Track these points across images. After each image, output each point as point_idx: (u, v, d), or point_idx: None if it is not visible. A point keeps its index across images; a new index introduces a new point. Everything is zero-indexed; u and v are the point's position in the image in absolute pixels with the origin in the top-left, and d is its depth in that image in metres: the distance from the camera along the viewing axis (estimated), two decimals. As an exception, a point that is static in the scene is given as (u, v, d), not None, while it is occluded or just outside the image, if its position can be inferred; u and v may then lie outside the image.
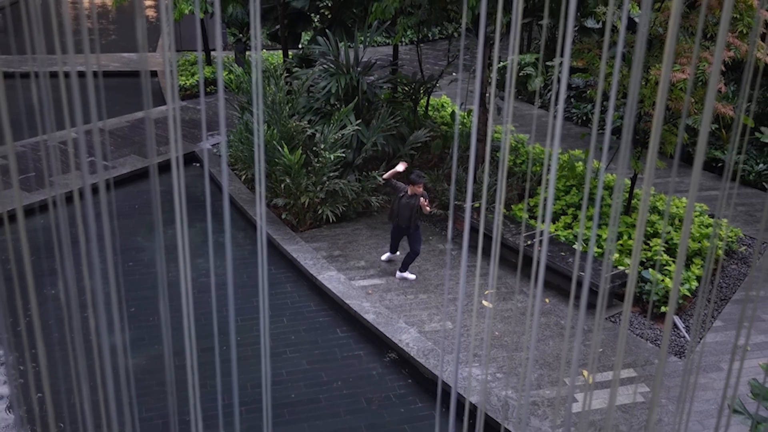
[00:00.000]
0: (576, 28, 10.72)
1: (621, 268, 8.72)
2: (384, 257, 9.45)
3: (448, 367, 7.37)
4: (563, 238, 9.47)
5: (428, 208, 8.69)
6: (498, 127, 12.64)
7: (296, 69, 11.86)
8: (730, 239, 9.88)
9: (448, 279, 9.07)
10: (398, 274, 9.08)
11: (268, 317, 2.20)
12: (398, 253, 9.41)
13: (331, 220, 10.31)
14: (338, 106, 10.78)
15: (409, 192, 8.59)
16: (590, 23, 10.29)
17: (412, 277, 9.07)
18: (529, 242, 9.09)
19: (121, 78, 16.99)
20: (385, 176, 8.90)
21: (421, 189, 8.57)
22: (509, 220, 9.92)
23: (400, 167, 8.86)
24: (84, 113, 1.87)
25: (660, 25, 8.48)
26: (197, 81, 15.95)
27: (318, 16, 13.62)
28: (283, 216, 10.50)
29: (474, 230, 9.17)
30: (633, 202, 10.30)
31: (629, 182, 10.37)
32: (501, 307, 8.53)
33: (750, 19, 8.28)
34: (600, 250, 9.01)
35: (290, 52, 13.50)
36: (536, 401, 6.95)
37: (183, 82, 16.01)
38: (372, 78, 11.27)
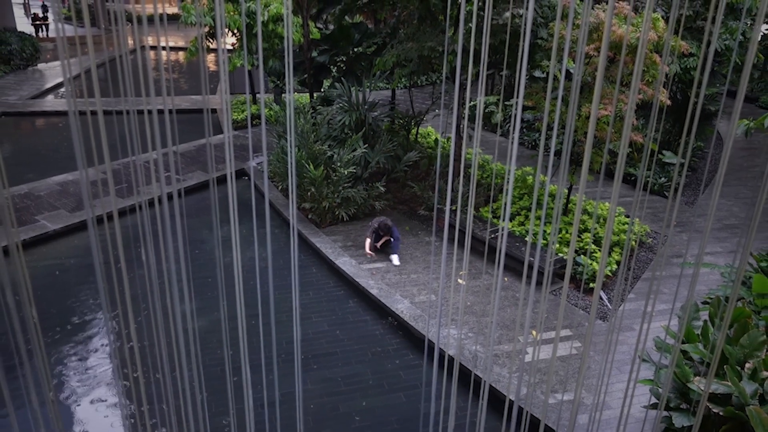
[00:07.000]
0: (527, 77, 10.69)
1: (561, 255, 8.70)
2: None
3: (432, 329, 7.37)
4: (518, 233, 9.45)
5: (367, 248, 9.06)
6: (469, 150, 12.63)
7: (319, 107, 11.83)
8: (641, 234, 9.87)
9: (432, 263, 9.06)
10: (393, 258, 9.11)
11: (299, 291, 2.21)
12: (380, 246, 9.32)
13: (345, 219, 10.29)
14: (350, 134, 10.76)
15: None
16: (537, 73, 10.27)
17: (397, 262, 9.05)
18: (492, 236, 9.08)
19: (189, 114, 16.95)
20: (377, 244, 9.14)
21: (385, 236, 9.08)
22: (478, 219, 9.91)
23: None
24: (162, 140, 1.87)
25: (589, 75, 8.47)
26: (246, 116, 15.93)
27: (335, 68, 13.60)
28: (309, 216, 10.49)
29: (452, 227, 9.12)
30: (569, 206, 10.28)
31: (567, 191, 10.36)
32: (472, 284, 8.52)
33: (655, 71, 8.30)
34: (545, 242, 8.99)
35: (315, 95, 13.49)
36: (498, 354, 6.94)
37: (235, 117, 15.98)
38: (375, 113, 11.24)
